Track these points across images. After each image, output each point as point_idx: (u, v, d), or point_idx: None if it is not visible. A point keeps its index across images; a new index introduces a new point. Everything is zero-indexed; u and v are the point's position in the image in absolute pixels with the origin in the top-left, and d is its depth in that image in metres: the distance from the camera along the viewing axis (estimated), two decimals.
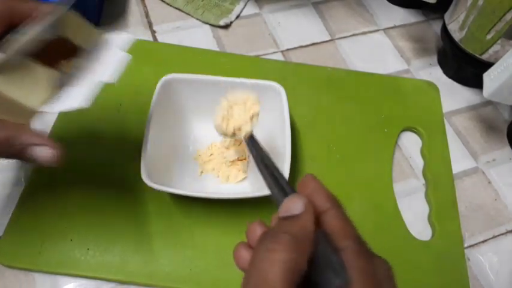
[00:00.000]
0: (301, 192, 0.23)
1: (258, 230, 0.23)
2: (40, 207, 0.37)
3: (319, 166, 0.42)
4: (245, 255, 0.22)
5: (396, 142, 0.45)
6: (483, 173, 0.44)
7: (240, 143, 0.41)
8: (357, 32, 0.54)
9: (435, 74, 0.51)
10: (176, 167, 0.39)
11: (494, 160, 0.45)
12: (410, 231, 0.39)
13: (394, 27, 0.55)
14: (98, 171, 0.39)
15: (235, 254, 0.23)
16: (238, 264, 0.23)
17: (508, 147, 0.46)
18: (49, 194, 0.37)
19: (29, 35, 0.25)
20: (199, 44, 0.49)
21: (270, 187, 0.24)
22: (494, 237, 0.40)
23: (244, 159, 0.40)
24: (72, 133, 0.41)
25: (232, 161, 0.40)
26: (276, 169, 0.25)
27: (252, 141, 0.30)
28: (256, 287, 0.19)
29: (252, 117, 0.33)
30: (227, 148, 0.41)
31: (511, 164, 0.45)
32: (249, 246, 0.23)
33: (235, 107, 0.33)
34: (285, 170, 0.35)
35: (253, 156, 0.29)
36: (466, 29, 0.44)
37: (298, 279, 0.19)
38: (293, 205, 0.21)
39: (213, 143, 0.41)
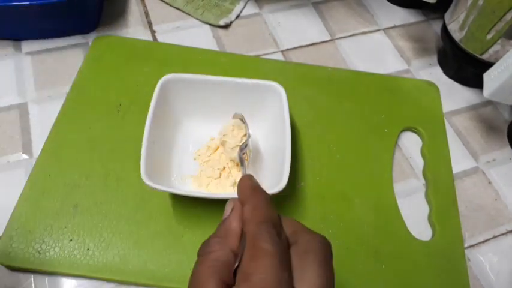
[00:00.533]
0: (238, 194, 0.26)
1: None
2: (40, 207, 0.37)
3: (319, 166, 0.42)
4: None
5: (396, 142, 0.45)
6: (483, 173, 0.44)
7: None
8: (357, 32, 0.54)
9: (435, 74, 0.51)
10: (176, 166, 0.39)
11: (494, 160, 0.45)
12: (410, 231, 0.39)
13: (394, 27, 0.55)
14: (97, 171, 0.39)
15: None
16: None
17: (508, 147, 0.46)
18: (49, 194, 0.37)
19: None
20: (199, 44, 0.49)
21: None
22: (494, 237, 0.40)
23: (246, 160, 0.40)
24: (72, 133, 0.41)
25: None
26: None
27: (239, 157, 0.36)
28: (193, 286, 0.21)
29: (241, 139, 0.38)
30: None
31: (511, 164, 0.45)
32: None
33: (225, 137, 0.39)
34: (285, 169, 0.35)
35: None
36: (466, 29, 0.44)
37: (226, 272, 0.21)
38: (226, 209, 0.25)
39: None
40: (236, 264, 0.21)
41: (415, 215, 0.40)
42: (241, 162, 0.35)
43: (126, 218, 0.37)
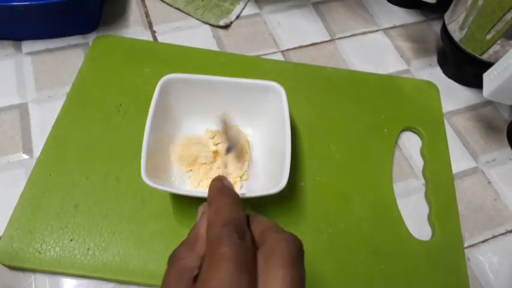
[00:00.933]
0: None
1: None
2: (40, 207, 0.37)
3: (319, 166, 0.42)
4: None
5: (396, 142, 0.45)
6: (483, 173, 0.44)
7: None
8: (356, 32, 0.54)
9: (435, 74, 0.51)
10: (176, 166, 0.39)
11: (494, 160, 0.45)
12: (410, 231, 0.39)
13: (394, 27, 0.55)
14: (97, 171, 0.39)
15: None
16: None
17: (508, 147, 0.46)
18: (49, 194, 0.37)
19: None
20: (199, 44, 0.49)
21: None
22: (494, 237, 0.40)
23: (245, 160, 0.40)
24: (72, 133, 0.41)
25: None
26: None
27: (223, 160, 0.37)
28: None
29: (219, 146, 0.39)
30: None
31: (511, 164, 0.45)
32: None
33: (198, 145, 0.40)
34: (285, 170, 0.35)
35: None
36: (466, 29, 0.44)
37: (190, 277, 0.20)
38: (198, 213, 0.24)
39: None
40: (197, 271, 0.20)
41: (415, 215, 0.40)
42: (225, 164, 0.36)
43: (126, 218, 0.37)
